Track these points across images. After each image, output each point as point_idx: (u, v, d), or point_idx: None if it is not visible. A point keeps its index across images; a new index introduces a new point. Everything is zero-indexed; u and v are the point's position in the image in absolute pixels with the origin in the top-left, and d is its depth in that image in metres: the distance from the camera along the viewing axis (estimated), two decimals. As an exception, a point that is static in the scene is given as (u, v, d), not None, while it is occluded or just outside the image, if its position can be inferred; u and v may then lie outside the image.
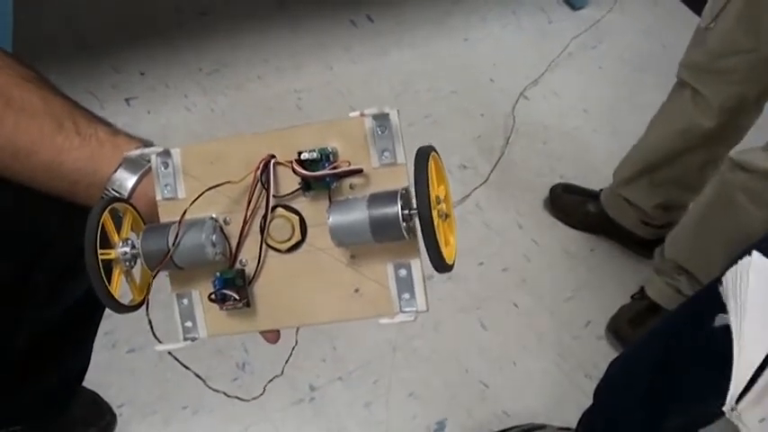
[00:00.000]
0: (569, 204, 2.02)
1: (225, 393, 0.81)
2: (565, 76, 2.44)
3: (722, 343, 1.18)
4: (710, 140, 1.71)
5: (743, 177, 1.53)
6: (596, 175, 2.10)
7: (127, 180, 0.71)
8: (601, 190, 2.00)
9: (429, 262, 0.58)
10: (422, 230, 0.56)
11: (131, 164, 0.72)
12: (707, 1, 1.66)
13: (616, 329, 1.78)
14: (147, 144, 0.74)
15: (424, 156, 0.57)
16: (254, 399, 0.87)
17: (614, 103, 2.42)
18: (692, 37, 1.70)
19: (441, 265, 0.57)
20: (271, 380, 0.79)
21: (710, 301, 1.22)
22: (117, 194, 0.71)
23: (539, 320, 1.79)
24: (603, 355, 1.73)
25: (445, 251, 0.57)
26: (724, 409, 0.77)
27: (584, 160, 2.20)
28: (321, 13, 2.31)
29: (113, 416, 1.40)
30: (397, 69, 2.26)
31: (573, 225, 2.02)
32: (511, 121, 2.22)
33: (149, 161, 0.68)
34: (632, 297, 1.83)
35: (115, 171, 0.72)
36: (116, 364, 1.46)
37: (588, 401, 1.40)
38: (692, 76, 1.69)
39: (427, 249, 0.56)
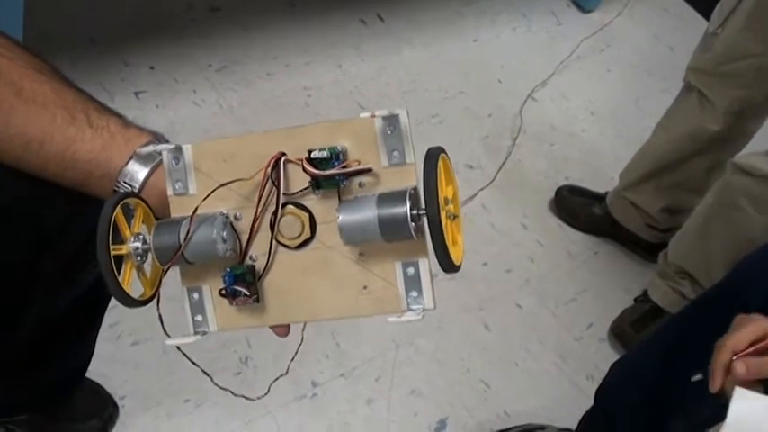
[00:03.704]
0: (575, 206, 2.03)
1: (231, 392, 0.82)
2: (573, 78, 2.44)
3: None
4: (716, 144, 1.72)
5: (745, 181, 1.53)
6: (602, 177, 2.11)
7: (138, 173, 0.72)
8: (606, 192, 2.01)
9: (435, 260, 0.59)
10: (430, 232, 0.57)
11: (142, 156, 0.72)
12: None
13: (618, 332, 1.79)
14: (159, 137, 0.75)
15: (433, 157, 0.58)
16: (259, 398, 0.88)
17: (622, 106, 2.42)
18: (700, 41, 1.70)
19: (448, 265, 0.58)
20: (276, 379, 0.80)
21: (712, 305, 1.23)
22: (128, 186, 0.72)
23: (541, 321, 1.79)
24: (605, 357, 1.74)
25: (453, 251, 0.58)
26: None
27: (591, 163, 2.20)
28: (331, 12, 2.32)
29: (116, 407, 1.40)
30: (407, 68, 2.26)
31: (578, 227, 2.02)
32: (518, 122, 2.23)
33: (160, 155, 0.69)
34: (635, 300, 1.83)
35: (126, 163, 0.72)
36: (120, 355, 1.47)
37: (589, 403, 1.41)
38: (699, 80, 1.69)
39: (435, 250, 0.57)
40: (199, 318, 0.69)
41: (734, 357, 0.88)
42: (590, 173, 2.15)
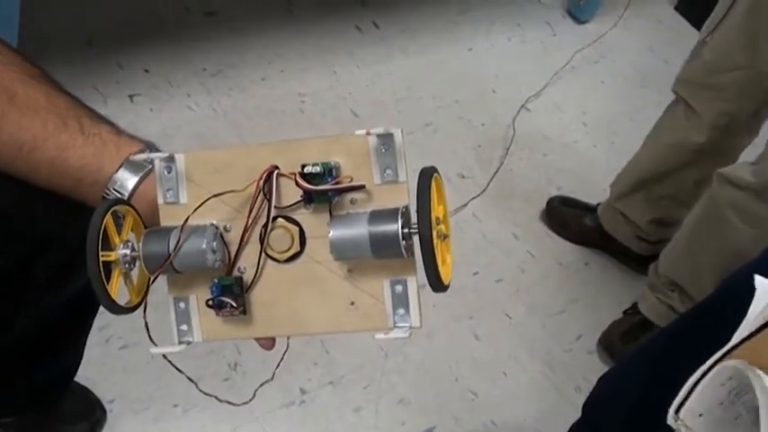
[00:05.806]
0: (566, 217, 2.03)
1: (216, 398, 0.82)
2: (567, 89, 2.45)
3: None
4: (703, 156, 1.72)
5: (732, 193, 1.53)
6: (594, 188, 2.11)
7: (128, 181, 0.72)
8: (598, 204, 2.01)
9: (424, 275, 0.59)
10: (422, 252, 0.57)
11: (133, 165, 0.72)
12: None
13: (607, 344, 1.79)
14: (150, 145, 0.75)
15: (427, 177, 0.58)
16: (244, 404, 0.88)
17: (615, 118, 2.43)
18: (691, 51, 1.70)
19: (438, 285, 0.58)
20: (261, 384, 0.80)
21: (698, 321, 1.24)
22: (117, 194, 0.72)
23: (531, 332, 1.79)
24: (594, 368, 1.74)
25: (442, 270, 0.58)
26: (668, 420, 0.77)
27: (583, 174, 2.21)
28: (327, 18, 2.32)
29: (104, 411, 1.40)
30: (401, 76, 2.27)
31: (569, 238, 2.03)
32: (511, 132, 2.23)
33: (152, 163, 0.69)
34: (625, 312, 1.84)
35: (117, 171, 0.72)
36: (109, 359, 1.47)
37: (577, 414, 1.41)
38: (686, 91, 1.69)
39: (426, 270, 0.57)
40: (184, 327, 0.69)
41: None
42: (582, 184, 2.16)
